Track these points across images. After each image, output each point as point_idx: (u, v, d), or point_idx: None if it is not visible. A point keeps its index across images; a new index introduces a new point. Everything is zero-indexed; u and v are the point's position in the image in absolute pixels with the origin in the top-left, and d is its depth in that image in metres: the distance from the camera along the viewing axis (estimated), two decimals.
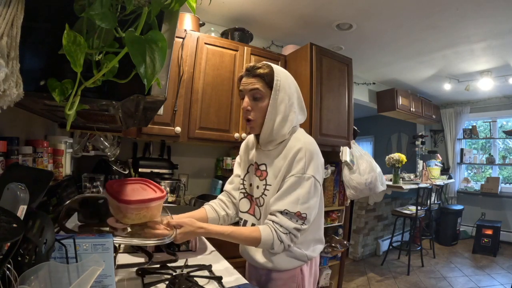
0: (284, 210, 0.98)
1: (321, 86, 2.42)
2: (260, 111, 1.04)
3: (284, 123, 1.05)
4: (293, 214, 0.98)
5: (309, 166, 1.00)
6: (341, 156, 2.44)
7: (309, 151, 1.02)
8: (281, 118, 1.04)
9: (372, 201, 3.80)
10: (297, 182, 0.99)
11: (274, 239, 0.97)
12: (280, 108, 1.04)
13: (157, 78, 0.60)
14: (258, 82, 1.04)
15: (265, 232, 0.98)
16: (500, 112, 5.00)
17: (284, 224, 0.98)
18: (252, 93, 1.05)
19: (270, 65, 1.07)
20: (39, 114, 1.14)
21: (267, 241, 0.97)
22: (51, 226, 0.66)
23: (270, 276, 1.10)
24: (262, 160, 1.11)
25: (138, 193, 0.96)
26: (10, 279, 0.51)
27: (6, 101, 0.48)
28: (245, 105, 1.05)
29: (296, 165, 1.00)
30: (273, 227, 0.98)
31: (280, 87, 1.04)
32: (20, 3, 0.49)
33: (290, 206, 0.98)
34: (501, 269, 3.61)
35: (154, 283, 0.93)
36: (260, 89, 1.03)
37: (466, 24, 2.65)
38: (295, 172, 1.00)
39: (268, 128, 1.05)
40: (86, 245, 0.76)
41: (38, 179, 0.67)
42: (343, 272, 2.74)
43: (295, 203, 0.98)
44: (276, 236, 0.97)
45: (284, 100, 1.05)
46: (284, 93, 1.04)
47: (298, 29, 2.87)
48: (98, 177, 1.78)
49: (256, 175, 1.12)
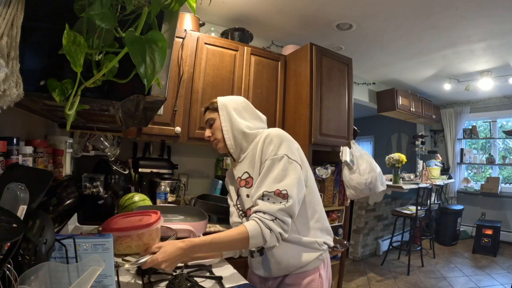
0: (263, 193, 0.97)
1: (321, 86, 2.42)
2: (217, 130, 1.17)
3: (239, 128, 1.14)
4: (272, 194, 0.96)
5: (279, 147, 1.03)
6: (341, 156, 2.44)
7: (276, 135, 1.05)
8: (235, 125, 1.14)
9: (372, 201, 3.80)
10: (271, 164, 1.00)
11: (262, 229, 0.93)
12: (231, 119, 1.15)
13: (157, 78, 0.60)
14: (208, 114, 1.22)
15: (250, 225, 0.94)
16: (500, 112, 5.00)
17: (268, 210, 0.94)
18: (208, 123, 1.21)
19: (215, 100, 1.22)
20: (39, 114, 1.14)
21: (255, 234, 0.93)
22: (51, 226, 0.66)
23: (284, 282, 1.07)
24: (242, 171, 1.12)
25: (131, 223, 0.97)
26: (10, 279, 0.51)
27: (6, 101, 0.48)
28: (206, 134, 1.21)
29: (266, 150, 1.04)
30: (257, 217, 0.94)
31: (223, 105, 1.17)
32: (20, 3, 0.49)
33: (267, 187, 0.97)
34: (501, 269, 3.61)
35: (154, 283, 0.93)
36: (209, 115, 1.20)
37: (466, 24, 2.65)
38: (267, 156, 1.02)
39: (229, 139, 1.14)
40: (86, 245, 0.76)
41: (38, 179, 0.67)
42: (343, 272, 2.74)
43: (272, 183, 0.97)
44: (264, 226, 0.93)
45: (230, 112, 1.16)
46: (228, 108, 1.16)
47: (298, 29, 2.87)
48: (98, 177, 1.78)
49: (241, 185, 1.12)
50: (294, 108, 2.48)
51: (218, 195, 2.30)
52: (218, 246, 0.97)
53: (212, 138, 1.20)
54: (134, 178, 2.21)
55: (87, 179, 1.74)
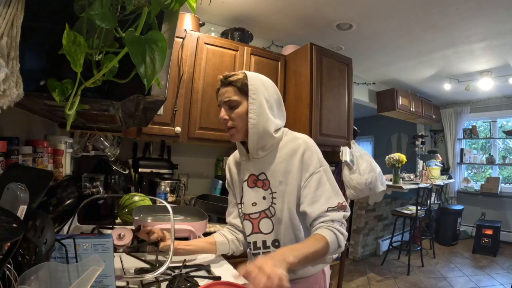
0: (327, 209, 0.96)
1: (321, 86, 2.42)
2: (239, 118, 1.02)
3: (268, 124, 1.02)
4: (336, 208, 0.97)
5: (320, 158, 1.03)
6: (341, 156, 2.44)
7: (313, 144, 1.04)
8: (264, 120, 1.02)
9: (372, 201, 3.80)
10: (320, 178, 0.99)
11: (338, 235, 0.93)
12: (261, 111, 1.01)
13: (157, 78, 0.60)
14: (231, 91, 1.03)
15: (327, 233, 0.92)
16: (500, 112, 5.00)
17: (335, 218, 0.96)
18: (228, 102, 1.03)
19: (243, 71, 1.06)
20: (39, 114, 1.14)
21: (333, 241, 0.91)
22: (51, 226, 0.66)
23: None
24: (260, 169, 1.07)
25: None
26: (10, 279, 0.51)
27: (6, 101, 0.48)
28: (222, 115, 1.04)
29: (309, 163, 1.00)
30: (329, 226, 0.94)
31: (256, 90, 1.02)
32: (20, 3, 0.49)
33: (330, 203, 0.97)
34: (501, 269, 3.61)
35: (153, 283, 0.93)
36: (234, 97, 1.02)
37: (466, 24, 2.65)
38: (314, 169, 1.00)
39: (255, 133, 1.01)
40: (86, 245, 0.76)
41: (38, 179, 0.67)
42: (343, 272, 2.73)
43: (331, 198, 0.98)
44: (338, 231, 0.94)
45: (262, 103, 1.02)
46: (261, 96, 1.02)
47: (298, 29, 2.87)
48: (98, 177, 1.78)
49: (258, 186, 1.07)
50: (294, 108, 2.48)
51: (218, 195, 2.30)
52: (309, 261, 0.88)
53: (230, 124, 1.04)
54: (134, 178, 2.21)
55: (87, 179, 1.75)
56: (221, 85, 1.06)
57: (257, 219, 1.09)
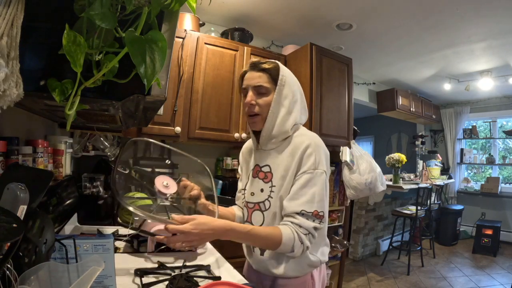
0: (301, 211, 0.94)
1: (321, 86, 2.42)
2: (266, 106, 1.02)
3: (287, 118, 1.02)
4: (310, 215, 0.94)
5: (319, 160, 0.98)
6: (341, 156, 2.44)
7: (318, 145, 1.00)
8: (284, 112, 1.02)
9: (372, 201, 3.80)
10: (311, 179, 0.96)
11: (295, 240, 0.92)
12: (285, 103, 1.02)
13: (157, 78, 0.60)
14: (263, 77, 1.02)
15: (286, 232, 0.92)
16: (500, 112, 5.00)
17: (303, 224, 0.93)
18: (257, 88, 1.03)
19: (274, 61, 1.07)
20: (39, 114, 1.14)
21: (288, 242, 0.92)
22: (51, 226, 0.66)
23: (277, 283, 1.04)
24: (264, 161, 1.07)
25: None
26: (10, 279, 0.51)
27: (6, 101, 0.48)
28: (249, 99, 1.03)
29: (306, 161, 0.97)
30: (294, 228, 0.93)
31: (285, 82, 1.03)
32: (20, 3, 0.49)
33: (306, 206, 0.94)
34: (501, 269, 3.61)
35: (153, 284, 0.93)
36: (265, 83, 1.02)
37: (466, 24, 2.65)
38: (307, 168, 0.97)
39: (271, 123, 1.02)
40: (87, 245, 0.76)
41: (38, 179, 0.67)
42: (343, 272, 2.74)
43: (311, 202, 0.95)
44: (298, 237, 0.92)
45: (288, 95, 1.03)
46: (288, 89, 1.03)
47: (298, 29, 2.87)
48: (98, 177, 1.78)
49: (260, 177, 1.07)
50: None
51: (218, 195, 2.30)
52: (251, 239, 0.94)
53: (256, 110, 1.03)
54: None
55: (87, 179, 1.75)
56: (251, 69, 1.05)
57: (252, 209, 1.09)
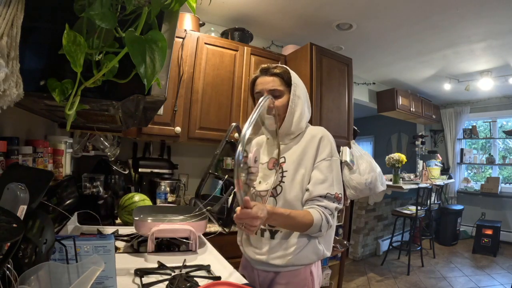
0: (326, 194, 1.05)
1: (321, 86, 2.42)
2: (282, 107, 1.12)
3: (302, 117, 1.15)
4: (332, 197, 1.06)
5: (333, 149, 1.13)
6: (341, 156, 2.44)
7: (330, 136, 1.16)
8: (300, 112, 1.14)
9: (372, 201, 3.80)
10: (329, 165, 1.09)
11: (323, 221, 1.03)
12: (299, 103, 1.14)
13: (157, 78, 0.60)
14: (276, 81, 1.12)
15: (316, 215, 1.02)
16: (500, 112, 5.00)
17: (328, 206, 1.05)
18: (272, 91, 1.11)
19: (283, 65, 1.18)
20: (39, 114, 1.14)
21: (317, 223, 1.01)
22: (51, 226, 0.66)
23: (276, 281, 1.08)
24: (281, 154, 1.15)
25: None
26: (10, 279, 0.51)
27: (6, 101, 0.48)
28: None
29: (323, 150, 1.11)
30: (321, 210, 1.03)
31: (297, 84, 1.14)
32: (20, 3, 0.49)
33: (330, 189, 1.06)
34: (501, 269, 3.61)
35: (153, 284, 0.93)
36: (279, 87, 1.12)
37: (466, 24, 2.65)
38: (325, 155, 1.10)
39: (290, 122, 1.13)
40: (87, 247, 0.76)
41: (38, 179, 0.67)
42: (343, 272, 2.74)
43: (332, 186, 1.07)
44: (325, 218, 1.03)
45: (301, 96, 1.15)
46: (300, 90, 1.15)
47: (298, 29, 2.87)
48: (98, 177, 1.78)
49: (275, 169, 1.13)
50: None
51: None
52: (289, 222, 1.01)
53: None
54: (134, 178, 2.21)
55: (87, 179, 1.75)
56: (262, 74, 1.15)
57: (264, 197, 1.12)
